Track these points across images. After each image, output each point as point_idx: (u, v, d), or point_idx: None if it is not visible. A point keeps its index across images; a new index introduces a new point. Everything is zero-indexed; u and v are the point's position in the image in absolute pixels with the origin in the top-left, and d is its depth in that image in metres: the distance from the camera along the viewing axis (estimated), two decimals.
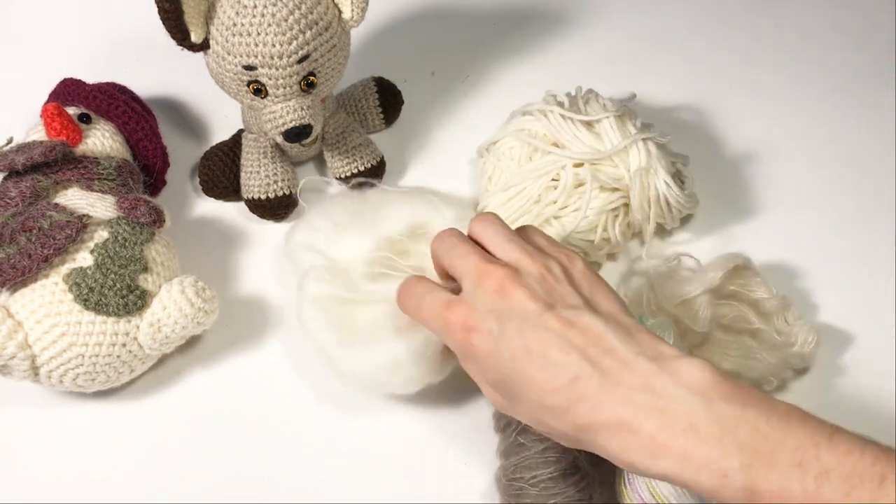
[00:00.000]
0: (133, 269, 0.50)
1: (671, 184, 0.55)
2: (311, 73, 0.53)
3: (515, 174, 0.57)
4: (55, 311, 0.48)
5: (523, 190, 0.56)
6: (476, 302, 0.41)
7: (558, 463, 0.46)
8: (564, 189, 0.55)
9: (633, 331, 0.39)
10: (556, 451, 0.46)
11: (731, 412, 0.35)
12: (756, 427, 0.34)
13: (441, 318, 0.42)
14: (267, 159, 0.59)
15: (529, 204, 0.56)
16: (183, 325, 0.50)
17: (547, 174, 0.56)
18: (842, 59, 0.73)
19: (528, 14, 0.76)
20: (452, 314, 0.41)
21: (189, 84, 0.68)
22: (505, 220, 0.51)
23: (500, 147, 0.59)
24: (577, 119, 0.57)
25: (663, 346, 0.38)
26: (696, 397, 0.35)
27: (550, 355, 0.38)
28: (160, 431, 0.52)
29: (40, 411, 0.53)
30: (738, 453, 0.34)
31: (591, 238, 0.56)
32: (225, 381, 0.54)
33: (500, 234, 0.44)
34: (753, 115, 0.69)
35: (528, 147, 0.57)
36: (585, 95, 0.60)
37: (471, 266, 0.42)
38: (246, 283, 0.58)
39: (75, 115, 0.57)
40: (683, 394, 0.36)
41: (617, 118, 0.56)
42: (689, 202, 0.57)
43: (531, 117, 0.59)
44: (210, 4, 0.51)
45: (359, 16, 0.53)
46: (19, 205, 0.51)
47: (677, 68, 0.72)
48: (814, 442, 0.34)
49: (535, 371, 0.38)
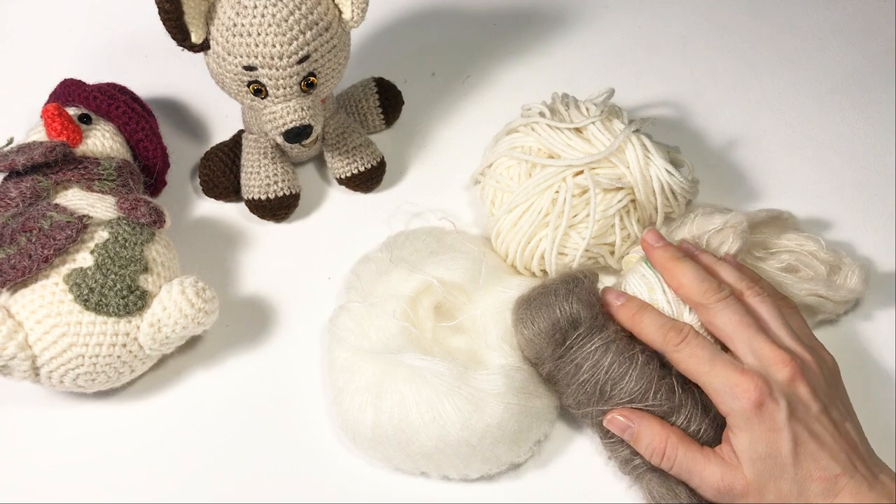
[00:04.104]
0: (133, 269, 0.50)
1: (672, 171, 0.55)
2: (311, 74, 0.53)
3: (518, 193, 0.56)
4: (55, 311, 0.48)
5: (530, 207, 0.56)
6: (769, 381, 0.44)
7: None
8: (568, 198, 0.55)
9: (863, 436, 0.46)
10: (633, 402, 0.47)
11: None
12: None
13: (737, 383, 0.44)
14: (267, 160, 0.59)
15: (541, 218, 0.55)
16: (183, 325, 0.50)
17: (550, 187, 0.55)
18: (841, 60, 0.73)
19: (529, 14, 0.76)
20: (747, 381, 0.44)
21: (189, 84, 0.68)
22: (521, 240, 0.55)
23: (496, 169, 0.59)
24: (564, 128, 0.56)
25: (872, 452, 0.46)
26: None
27: (825, 450, 0.43)
28: (160, 431, 0.52)
29: (40, 411, 0.53)
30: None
31: (611, 240, 0.56)
32: (225, 381, 0.54)
33: (778, 319, 0.47)
34: (753, 115, 0.69)
35: (525, 164, 0.57)
36: (564, 101, 0.59)
37: (764, 348, 0.45)
38: (246, 283, 0.58)
39: (75, 115, 0.57)
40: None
41: (604, 119, 0.56)
42: (692, 187, 0.57)
43: (519, 134, 0.58)
44: (210, 5, 0.51)
45: (359, 16, 0.53)
46: (20, 205, 0.51)
47: (676, 69, 0.72)
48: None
49: (809, 459, 0.43)
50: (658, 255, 0.50)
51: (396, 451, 0.48)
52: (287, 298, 0.57)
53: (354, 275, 0.56)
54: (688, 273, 0.48)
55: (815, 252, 0.56)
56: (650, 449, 0.46)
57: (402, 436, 0.47)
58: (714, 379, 0.45)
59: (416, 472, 0.50)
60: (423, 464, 0.49)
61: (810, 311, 0.55)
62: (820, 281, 0.54)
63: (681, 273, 0.48)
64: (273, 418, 0.52)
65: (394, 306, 0.51)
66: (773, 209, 0.58)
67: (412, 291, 0.52)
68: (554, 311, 0.48)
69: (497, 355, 0.50)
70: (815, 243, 0.56)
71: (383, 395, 0.48)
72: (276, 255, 0.60)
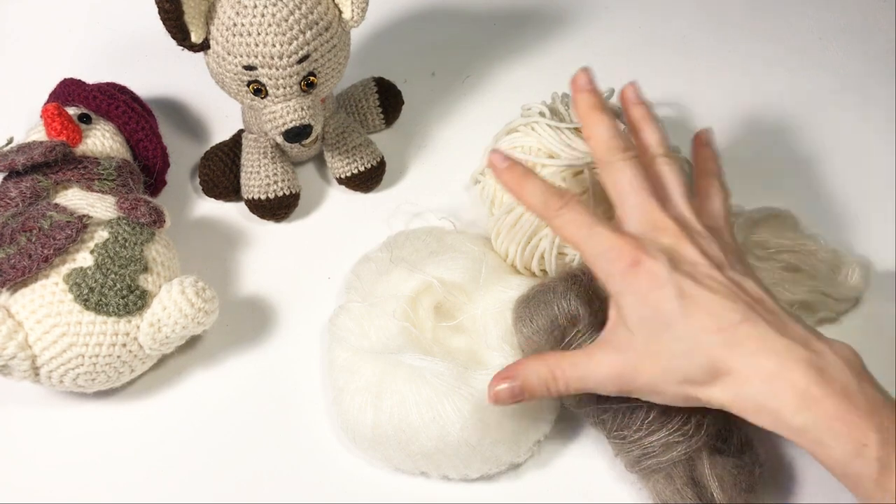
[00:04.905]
0: (133, 269, 0.50)
1: None
2: (311, 74, 0.53)
3: None
4: (55, 311, 0.48)
5: None
6: (648, 242, 0.42)
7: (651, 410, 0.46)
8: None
9: (783, 306, 0.41)
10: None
11: (877, 396, 0.37)
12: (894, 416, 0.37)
13: (612, 245, 0.42)
14: (267, 159, 0.59)
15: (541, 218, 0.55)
16: (183, 325, 0.50)
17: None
18: (841, 60, 0.73)
19: (529, 14, 0.76)
20: (622, 241, 0.42)
21: (189, 84, 0.68)
22: (521, 240, 0.54)
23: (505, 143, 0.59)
24: (564, 127, 0.56)
25: (808, 323, 0.41)
26: (849, 370, 0.37)
27: (720, 299, 0.39)
28: (160, 431, 0.52)
29: (40, 411, 0.53)
30: (881, 429, 0.36)
31: None
32: (225, 381, 0.54)
33: (682, 188, 0.44)
34: (753, 114, 0.69)
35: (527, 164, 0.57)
36: (564, 101, 0.59)
37: (651, 211, 0.43)
38: (246, 283, 0.58)
39: (75, 115, 0.57)
40: (840, 363, 0.38)
41: None
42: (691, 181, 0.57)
43: (519, 133, 0.58)
44: (210, 4, 0.51)
45: (359, 16, 0.53)
46: (19, 205, 0.51)
47: (676, 68, 0.72)
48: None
49: (702, 310, 0.39)
50: (581, 99, 0.48)
51: (396, 451, 0.48)
52: (287, 298, 0.57)
53: (354, 275, 0.56)
54: (601, 125, 0.46)
55: (815, 251, 0.56)
56: (544, 386, 0.44)
57: (402, 436, 0.47)
58: (591, 244, 0.43)
59: (416, 473, 0.50)
60: (423, 464, 0.49)
61: (811, 310, 0.55)
62: (821, 278, 0.54)
63: (595, 124, 0.46)
64: (273, 418, 0.52)
65: (394, 306, 0.51)
66: (772, 208, 0.58)
67: (412, 291, 0.52)
68: (552, 308, 0.48)
69: (497, 355, 0.50)
70: (815, 243, 0.56)
71: (383, 395, 0.48)
72: (276, 255, 0.60)
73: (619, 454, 0.48)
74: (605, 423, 0.48)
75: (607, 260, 0.42)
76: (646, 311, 0.40)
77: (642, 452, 0.47)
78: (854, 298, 0.56)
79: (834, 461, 0.36)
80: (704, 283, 0.40)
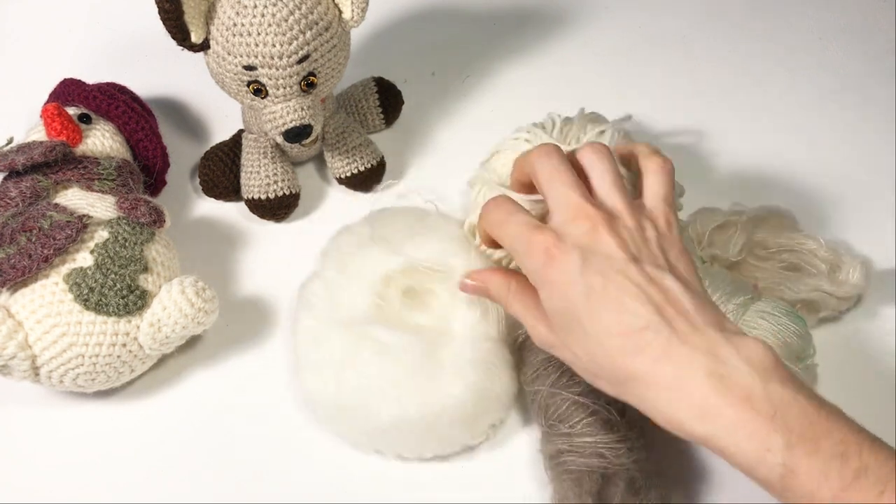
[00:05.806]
0: (133, 269, 0.50)
1: None
2: (311, 74, 0.53)
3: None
4: (55, 311, 0.48)
5: None
6: (565, 234, 0.41)
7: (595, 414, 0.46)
8: None
9: (705, 301, 0.40)
10: (591, 398, 0.46)
11: (785, 395, 0.36)
12: (806, 413, 0.35)
13: (526, 238, 0.42)
14: (267, 159, 0.59)
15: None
16: (183, 325, 0.50)
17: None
18: (841, 60, 0.73)
19: (529, 14, 0.76)
20: (538, 237, 0.41)
21: (189, 84, 0.68)
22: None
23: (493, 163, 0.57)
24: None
25: (728, 322, 0.40)
26: (755, 372, 0.37)
27: (627, 301, 0.39)
28: (160, 431, 0.52)
29: (40, 411, 0.53)
30: (784, 432, 0.35)
31: None
32: (225, 381, 0.54)
33: (609, 175, 0.44)
34: (753, 114, 0.69)
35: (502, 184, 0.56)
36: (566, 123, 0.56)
37: (570, 201, 0.42)
38: (246, 283, 0.58)
39: (75, 115, 0.57)
40: (744, 367, 0.37)
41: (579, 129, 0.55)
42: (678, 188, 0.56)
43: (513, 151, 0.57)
44: (210, 4, 0.51)
45: (359, 16, 0.53)
46: (19, 205, 0.51)
47: (676, 68, 0.72)
48: (857, 440, 0.35)
49: (607, 311, 0.39)
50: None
51: (354, 427, 0.49)
52: (287, 298, 0.57)
53: (334, 244, 0.56)
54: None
55: (816, 250, 0.56)
56: (500, 301, 0.46)
57: (361, 411, 0.48)
58: (509, 235, 0.43)
59: (371, 451, 0.50)
60: (379, 441, 0.49)
61: (813, 308, 0.55)
62: (823, 277, 0.55)
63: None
64: (273, 418, 0.52)
65: (368, 280, 0.51)
66: (772, 206, 0.58)
67: (388, 269, 0.52)
68: None
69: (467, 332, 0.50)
70: (815, 242, 0.56)
71: (347, 368, 0.48)
72: (276, 255, 0.60)
73: (545, 446, 0.48)
74: (548, 409, 0.48)
75: (527, 255, 0.42)
76: (560, 304, 0.41)
77: (568, 447, 0.47)
78: (855, 297, 0.56)
79: (741, 467, 0.36)
80: (615, 280, 0.39)
